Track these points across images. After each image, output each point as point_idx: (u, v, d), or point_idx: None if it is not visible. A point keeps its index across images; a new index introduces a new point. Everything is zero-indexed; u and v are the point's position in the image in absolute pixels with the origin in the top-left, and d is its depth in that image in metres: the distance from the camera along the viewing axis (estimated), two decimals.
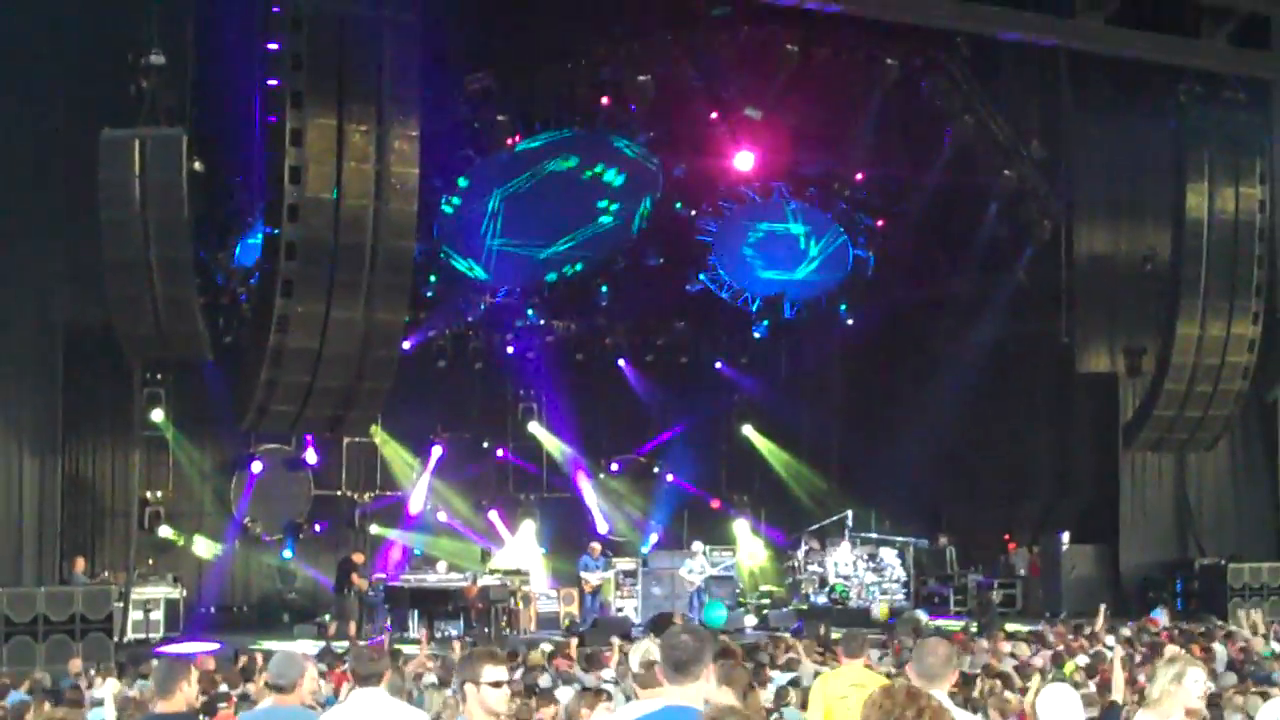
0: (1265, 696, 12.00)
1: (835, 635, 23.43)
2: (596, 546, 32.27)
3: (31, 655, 23.40)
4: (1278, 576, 32.56)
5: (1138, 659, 17.86)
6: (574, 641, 23.81)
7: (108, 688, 16.01)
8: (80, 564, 27.89)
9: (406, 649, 22.69)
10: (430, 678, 17.04)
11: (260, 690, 9.82)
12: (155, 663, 10.37)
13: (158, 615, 28.33)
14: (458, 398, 35.62)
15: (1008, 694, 13.34)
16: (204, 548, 31.91)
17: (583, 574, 31.42)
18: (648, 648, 7.97)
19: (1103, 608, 25.45)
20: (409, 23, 24.68)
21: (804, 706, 13.77)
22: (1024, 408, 35.96)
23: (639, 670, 7.89)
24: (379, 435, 33.39)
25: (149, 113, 23.45)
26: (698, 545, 32.56)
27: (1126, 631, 23.93)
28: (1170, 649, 15.42)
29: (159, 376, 29.61)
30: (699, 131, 33.50)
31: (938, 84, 32.19)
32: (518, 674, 16.79)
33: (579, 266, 35.87)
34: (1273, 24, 29.83)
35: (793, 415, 39.05)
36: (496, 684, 7.87)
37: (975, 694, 13.49)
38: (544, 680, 16.37)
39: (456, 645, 21.99)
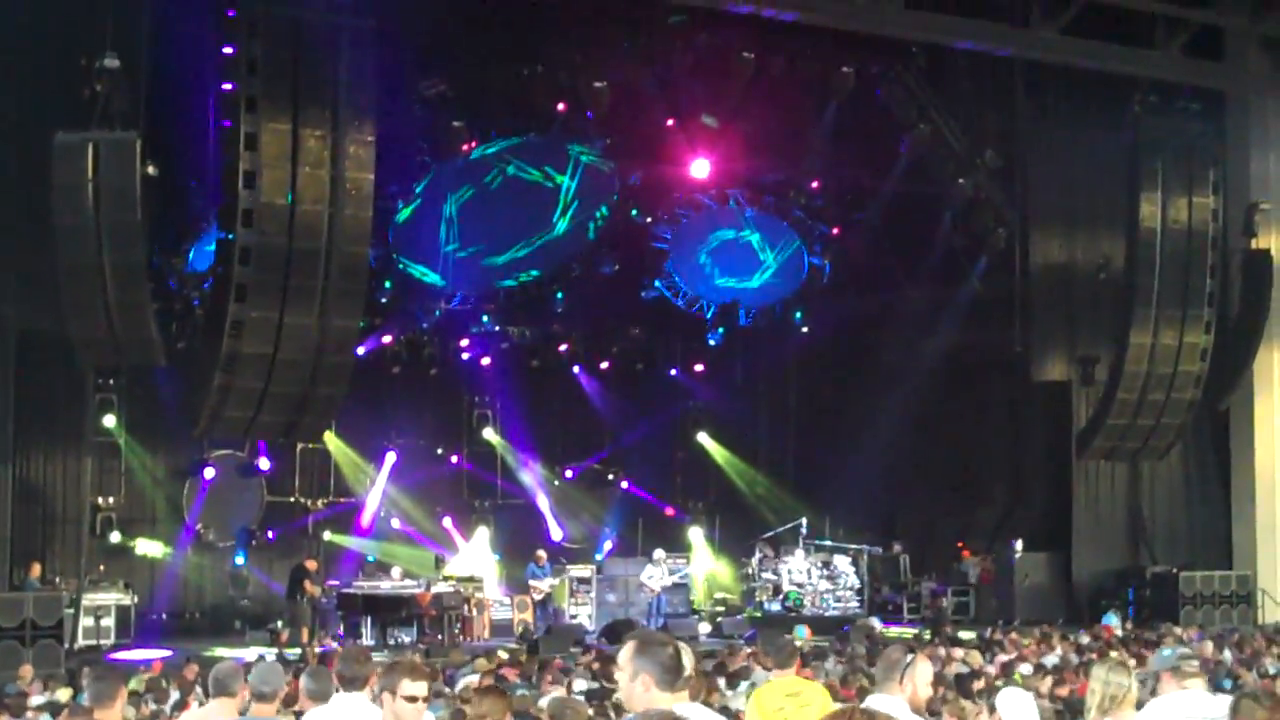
0: None
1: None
2: (542, 554, 32.14)
3: None
4: (1229, 585, 32.73)
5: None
6: (524, 651, 23.75)
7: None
8: (36, 569, 27.78)
9: None
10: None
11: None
12: (88, 672, 10.26)
13: (109, 622, 28.09)
14: (412, 404, 35.53)
15: (963, 701, 13.33)
16: (156, 553, 31.73)
17: (531, 582, 31.38)
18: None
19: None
20: (365, 28, 24.65)
21: None
22: (978, 416, 36.02)
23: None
24: (333, 441, 33.27)
25: (102, 116, 23.29)
26: (659, 553, 32.48)
27: (1085, 639, 23.98)
28: (1113, 654, 15.44)
29: (111, 381, 29.43)
30: (655, 138, 33.53)
31: (893, 93, 32.34)
32: (473, 678, 16.71)
33: (534, 273, 35.79)
34: (1226, 35, 30.07)
35: (748, 423, 39.11)
36: (411, 699, 7.93)
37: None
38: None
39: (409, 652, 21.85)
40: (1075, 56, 28.28)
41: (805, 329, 38.24)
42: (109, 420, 29.86)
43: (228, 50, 24.66)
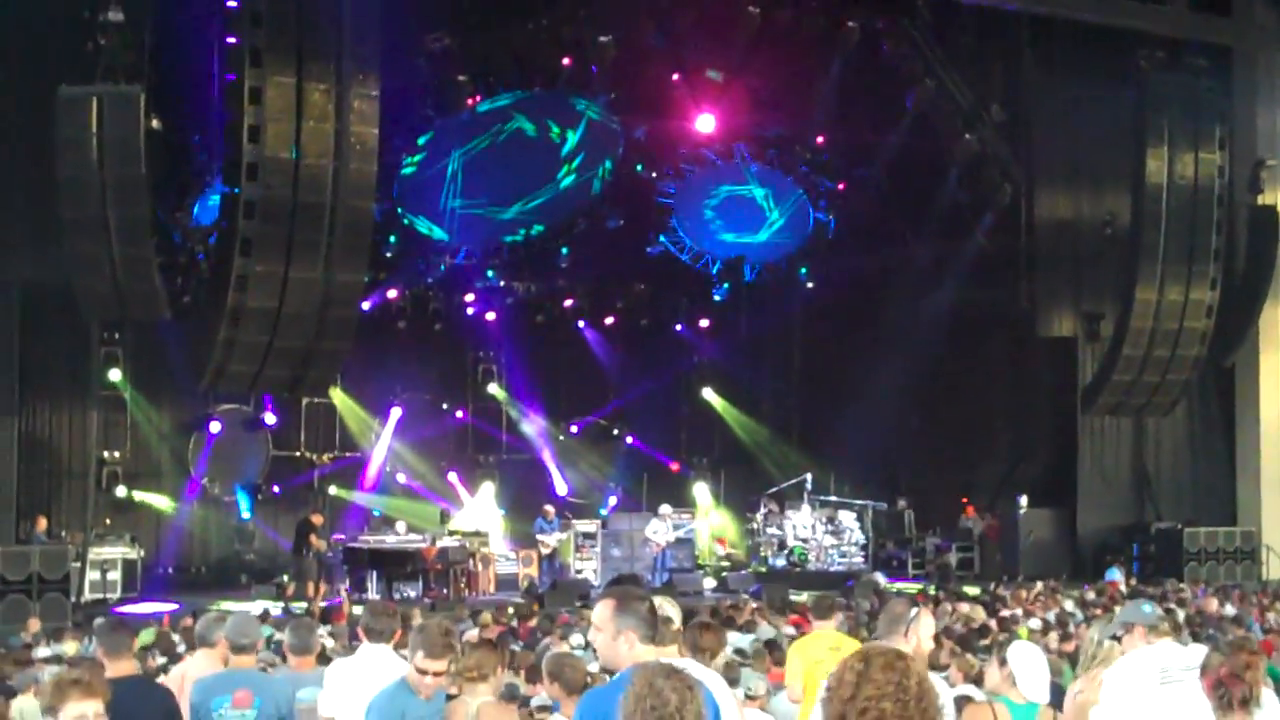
0: None
1: (797, 598, 23.57)
2: (550, 509, 32.20)
3: None
4: (1233, 541, 32.77)
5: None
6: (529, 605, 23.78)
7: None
8: (42, 523, 27.97)
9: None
10: None
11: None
12: (99, 625, 10.28)
13: (115, 575, 28.22)
14: (417, 359, 35.56)
15: (968, 655, 13.37)
16: (162, 507, 31.86)
17: (539, 536, 31.40)
18: (660, 603, 7.93)
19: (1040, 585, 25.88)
20: None
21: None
22: (983, 372, 36.03)
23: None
24: (338, 396, 33.32)
25: (106, 70, 23.26)
26: (665, 508, 32.51)
27: (1090, 594, 24.04)
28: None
29: (117, 336, 29.50)
30: (660, 93, 33.42)
31: (899, 47, 32.20)
32: (473, 633, 16.75)
33: (539, 228, 35.75)
34: None
35: (753, 378, 39.13)
36: (423, 671, 8.08)
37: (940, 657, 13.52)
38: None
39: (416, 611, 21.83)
40: (1081, 11, 28.21)
41: (810, 284, 38.29)
42: (114, 374, 29.93)
43: (232, 3, 24.58)
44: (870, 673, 4.59)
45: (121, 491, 30.94)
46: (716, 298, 38.45)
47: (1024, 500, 33.87)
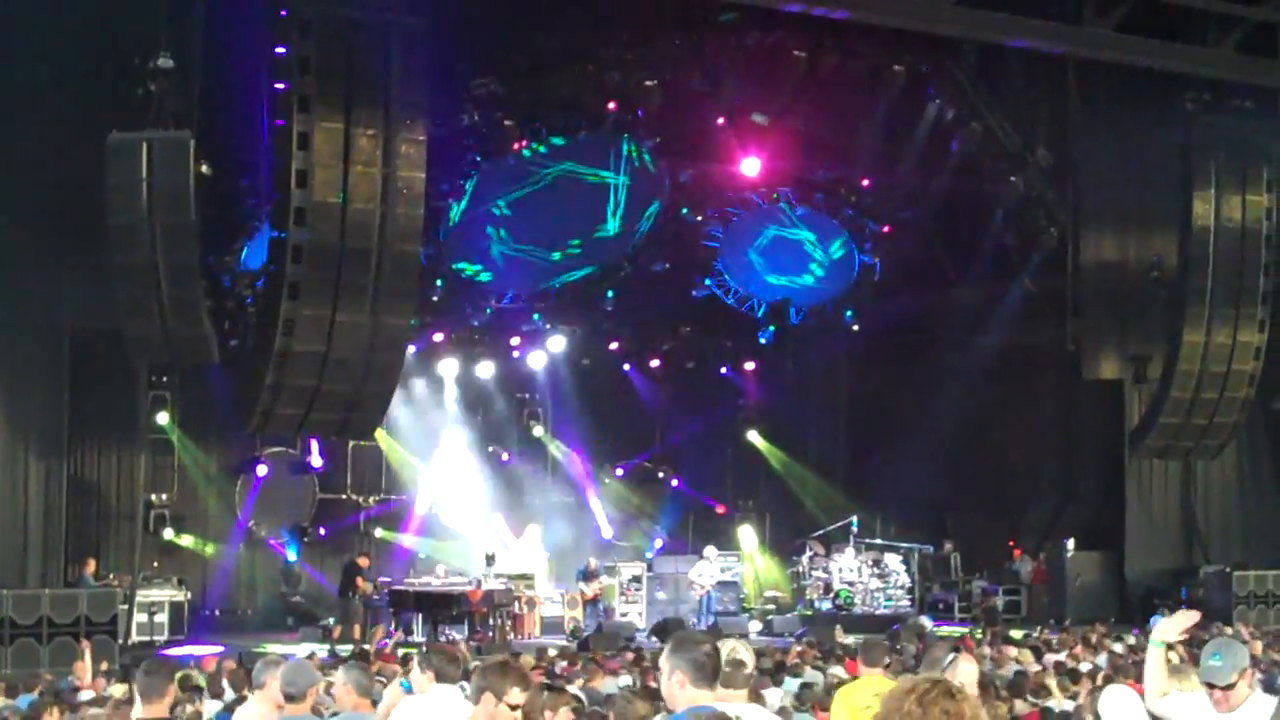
0: None
1: (844, 642, 23.51)
2: (593, 562, 32.33)
3: (36, 657, 23.47)
4: None
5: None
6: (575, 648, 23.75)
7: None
8: (91, 566, 28.21)
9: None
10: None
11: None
12: (143, 665, 10.29)
13: (162, 618, 28.39)
14: (463, 402, 35.59)
15: (999, 703, 13.26)
16: (208, 550, 31.97)
17: (580, 585, 31.56)
18: (734, 646, 7.90)
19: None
20: (416, 27, 24.68)
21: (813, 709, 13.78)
22: (1030, 415, 35.93)
23: (725, 669, 7.84)
24: (384, 439, 33.37)
25: (156, 116, 23.46)
26: (710, 550, 32.50)
27: (1131, 639, 23.86)
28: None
29: (165, 379, 29.60)
30: (706, 137, 33.53)
31: (945, 91, 32.19)
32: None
33: (585, 271, 35.84)
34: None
35: (798, 421, 39.06)
36: (514, 707, 7.81)
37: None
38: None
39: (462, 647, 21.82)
40: (1128, 54, 28.06)
41: (856, 327, 38.23)
42: (162, 418, 30.04)
43: (280, 50, 24.71)
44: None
45: (169, 534, 31.02)
46: (762, 340, 38.41)
47: (1071, 543, 33.75)
